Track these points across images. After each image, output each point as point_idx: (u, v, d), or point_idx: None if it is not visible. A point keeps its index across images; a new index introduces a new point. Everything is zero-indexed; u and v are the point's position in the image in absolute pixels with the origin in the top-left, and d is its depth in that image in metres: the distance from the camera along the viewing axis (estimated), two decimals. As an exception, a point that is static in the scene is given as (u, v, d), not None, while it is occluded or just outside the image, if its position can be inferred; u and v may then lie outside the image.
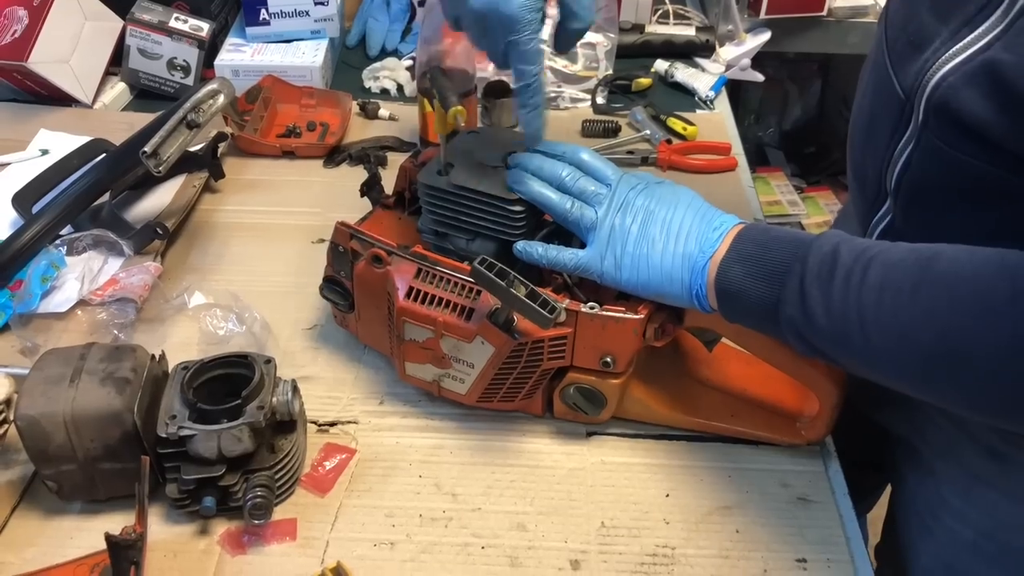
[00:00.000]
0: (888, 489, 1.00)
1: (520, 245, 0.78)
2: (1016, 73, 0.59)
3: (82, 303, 0.96)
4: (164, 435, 0.72)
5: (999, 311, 0.58)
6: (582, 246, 0.77)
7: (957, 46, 0.64)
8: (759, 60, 1.54)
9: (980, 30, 0.63)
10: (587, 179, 0.77)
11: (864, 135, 0.80)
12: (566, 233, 0.79)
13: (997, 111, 0.61)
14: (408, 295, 0.80)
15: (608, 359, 0.79)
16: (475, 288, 0.78)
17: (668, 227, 0.74)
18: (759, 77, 1.54)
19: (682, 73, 1.44)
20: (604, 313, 0.76)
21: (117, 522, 0.76)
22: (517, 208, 0.78)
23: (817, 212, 2.24)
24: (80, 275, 0.96)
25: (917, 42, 0.69)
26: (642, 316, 0.76)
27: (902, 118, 0.71)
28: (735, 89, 1.63)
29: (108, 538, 0.67)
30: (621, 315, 0.76)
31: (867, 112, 0.79)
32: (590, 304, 0.77)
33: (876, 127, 0.76)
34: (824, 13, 1.68)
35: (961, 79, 0.63)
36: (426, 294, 0.79)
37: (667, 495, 0.80)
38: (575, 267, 0.76)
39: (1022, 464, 0.77)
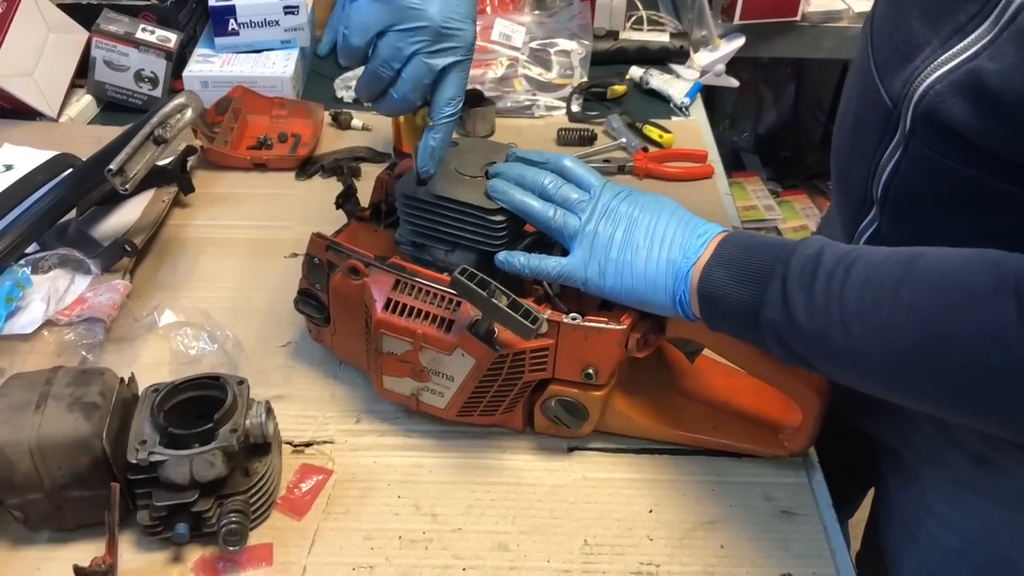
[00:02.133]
0: (870, 495, 1.00)
1: (502, 255, 0.77)
2: (1001, 81, 0.59)
3: (48, 324, 0.93)
4: (134, 461, 0.70)
5: (981, 304, 0.57)
6: (564, 255, 0.76)
7: (946, 54, 0.64)
8: (733, 65, 1.54)
9: (970, 39, 0.62)
10: (570, 187, 0.77)
11: (849, 143, 0.79)
12: (547, 243, 0.78)
13: (982, 119, 0.61)
14: (386, 307, 0.78)
15: (590, 371, 0.77)
16: (455, 299, 0.77)
17: (652, 234, 0.73)
18: (734, 83, 1.53)
19: (657, 80, 1.43)
20: (587, 324, 0.75)
21: (87, 551, 0.73)
22: (498, 218, 0.77)
23: (793, 216, 2.25)
24: (46, 295, 0.94)
25: (906, 50, 0.68)
26: (625, 327, 0.75)
27: (889, 126, 0.71)
28: (709, 94, 1.62)
29: (77, 570, 0.65)
30: (604, 326, 0.75)
31: (852, 120, 0.79)
32: (572, 315, 0.76)
33: (862, 135, 0.75)
34: (798, 18, 1.69)
35: (948, 87, 0.63)
36: (405, 306, 0.78)
37: (650, 511, 0.79)
38: (559, 275, 0.75)
39: (1008, 470, 0.76)
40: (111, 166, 0.93)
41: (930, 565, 0.86)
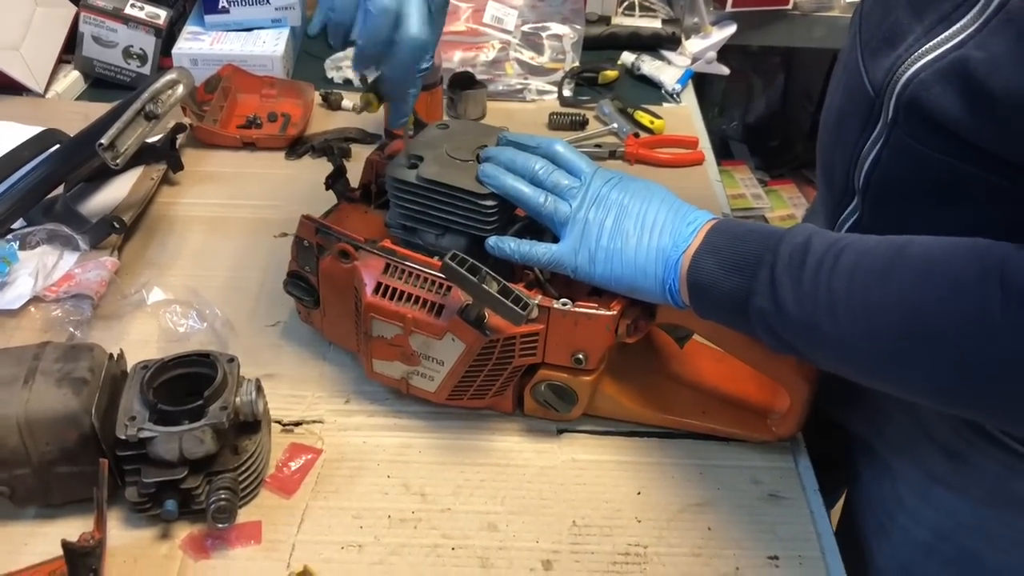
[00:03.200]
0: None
1: (492, 240, 0.77)
2: (986, 70, 0.59)
3: (36, 300, 0.93)
4: (123, 437, 0.70)
5: (968, 291, 0.58)
6: (555, 240, 0.76)
7: (931, 43, 0.64)
8: (724, 53, 1.54)
9: (955, 27, 0.62)
10: (561, 172, 0.76)
11: (833, 133, 0.79)
12: (538, 228, 0.78)
13: (967, 108, 0.61)
14: (376, 291, 0.78)
15: (580, 356, 0.78)
16: (445, 284, 0.76)
17: (642, 221, 0.73)
18: (724, 70, 1.54)
19: (648, 66, 1.43)
20: (577, 309, 0.75)
21: (74, 527, 0.73)
22: (488, 202, 0.77)
23: (781, 205, 2.26)
24: (33, 271, 0.93)
25: (891, 38, 0.69)
26: (615, 312, 0.76)
27: (871, 115, 0.71)
28: (699, 82, 1.62)
29: (65, 545, 0.65)
30: (594, 311, 0.75)
31: (836, 110, 0.79)
32: (562, 300, 0.76)
33: (845, 125, 0.76)
34: (789, 7, 1.69)
35: (932, 76, 0.63)
36: (395, 290, 0.78)
37: (638, 493, 0.80)
38: (549, 262, 0.75)
39: (980, 465, 0.77)
40: (102, 140, 0.92)
41: (901, 559, 0.86)
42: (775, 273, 0.65)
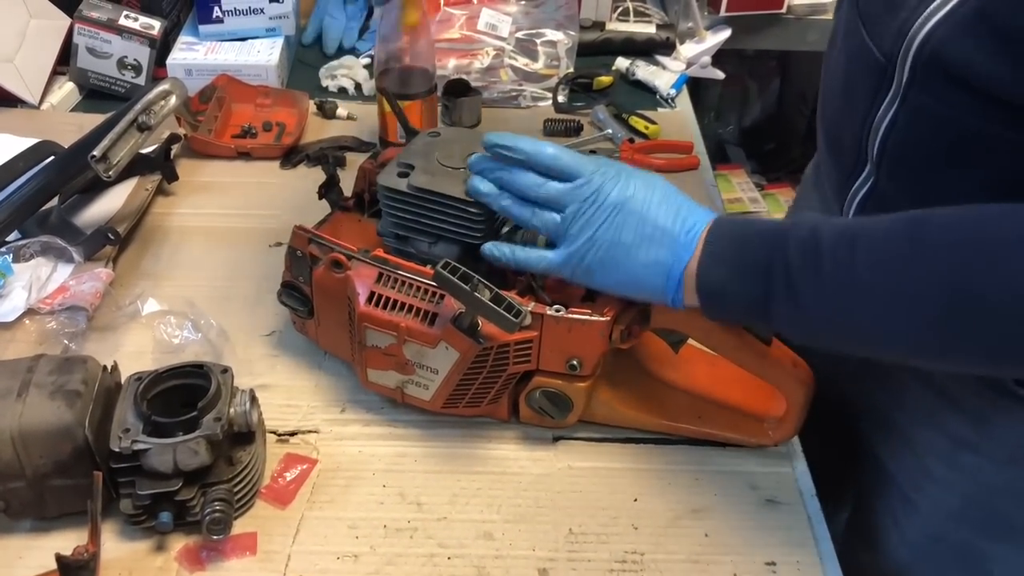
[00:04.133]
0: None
1: (487, 247, 0.76)
2: (1011, 10, 0.58)
3: (30, 312, 0.92)
4: (117, 449, 0.69)
5: (1007, 256, 0.57)
6: (551, 243, 0.75)
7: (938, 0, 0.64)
8: (719, 58, 1.54)
9: None
10: (551, 186, 0.73)
11: (839, 104, 0.79)
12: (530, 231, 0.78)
13: (991, 56, 0.60)
14: (369, 300, 0.78)
15: (575, 362, 0.78)
16: (438, 292, 0.76)
17: (640, 231, 0.71)
18: (719, 75, 1.54)
19: (643, 71, 1.43)
20: (570, 316, 0.75)
21: (69, 540, 0.73)
22: (479, 210, 0.77)
23: (778, 209, 2.25)
24: (28, 283, 0.93)
25: (891, 3, 0.68)
26: (608, 318, 0.75)
27: (883, 82, 0.70)
28: (695, 87, 1.63)
29: (59, 559, 0.65)
30: (587, 317, 0.75)
31: (840, 82, 0.78)
32: (556, 307, 0.76)
33: (853, 95, 0.75)
34: (784, 11, 1.68)
35: (951, 30, 0.63)
36: (388, 299, 0.77)
37: (635, 500, 0.79)
38: (544, 269, 0.74)
39: (1004, 425, 0.77)
40: (94, 152, 0.92)
41: (931, 529, 0.86)
42: (791, 278, 0.65)
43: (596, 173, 0.72)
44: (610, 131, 1.29)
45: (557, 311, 0.75)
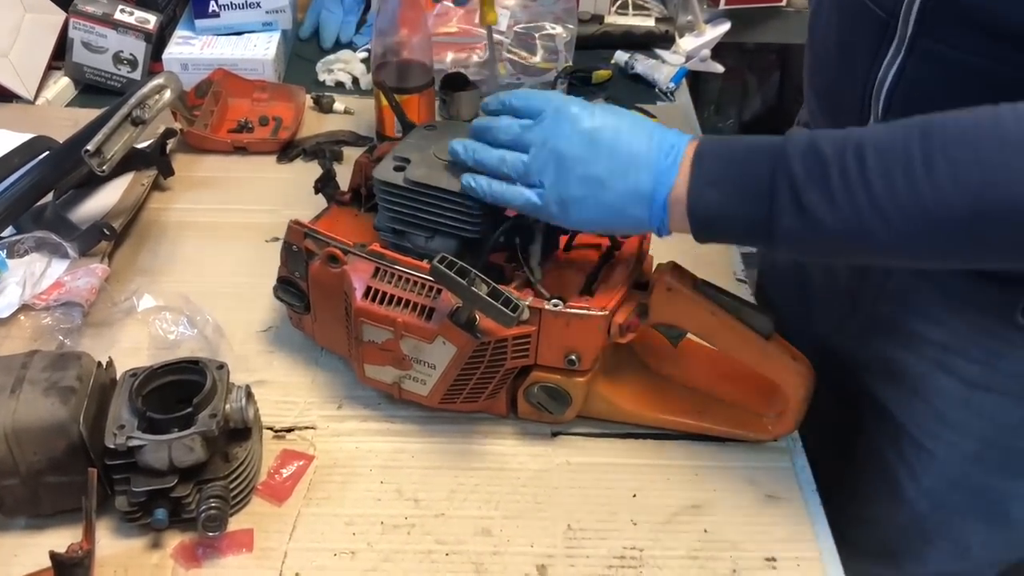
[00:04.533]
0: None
1: (465, 178, 0.74)
2: None
3: (25, 308, 0.92)
4: (112, 446, 0.69)
5: None
6: (550, 233, 0.75)
7: None
8: (718, 51, 1.53)
9: None
10: (513, 124, 0.73)
11: (835, 65, 0.79)
12: (527, 226, 0.77)
13: None
14: (366, 295, 0.77)
15: (573, 357, 0.77)
16: (435, 287, 0.76)
17: (614, 161, 0.68)
18: (719, 68, 1.53)
19: (642, 65, 1.42)
20: (568, 310, 0.75)
21: (64, 537, 0.72)
22: (473, 203, 0.76)
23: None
24: (22, 279, 0.92)
25: None
26: (607, 312, 0.75)
27: (885, 36, 0.70)
28: (694, 80, 1.62)
29: (53, 557, 0.64)
30: (586, 312, 0.75)
31: (835, 44, 0.78)
32: (554, 301, 0.75)
33: (852, 54, 0.75)
34: (783, 3, 1.68)
35: None
36: (385, 294, 0.77)
37: (634, 495, 0.79)
38: (522, 206, 0.72)
39: (1017, 360, 0.78)
40: (88, 147, 0.91)
41: (949, 476, 0.87)
42: (798, 193, 0.62)
43: (560, 105, 0.71)
44: (609, 125, 1.28)
45: (555, 305, 0.75)
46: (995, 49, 0.63)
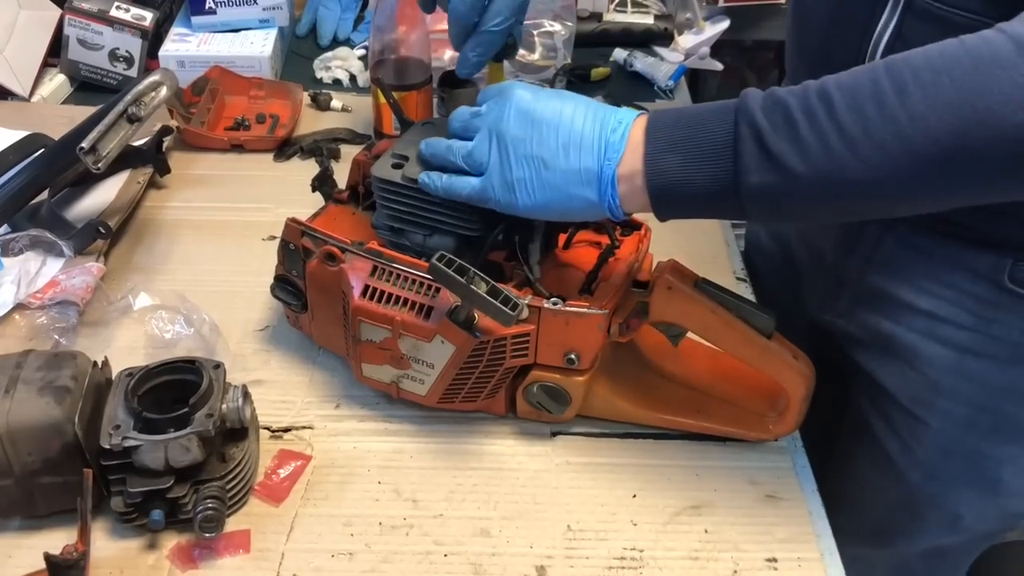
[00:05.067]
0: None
1: (422, 176, 0.74)
2: None
3: (20, 307, 0.91)
4: (108, 446, 0.68)
5: (1007, 65, 0.55)
6: (550, 233, 0.74)
7: None
8: (717, 49, 1.52)
9: None
10: (461, 111, 0.74)
11: (828, 29, 0.79)
12: (527, 225, 0.76)
13: None
14: (364, 294, 0.77)
15: (572, 356, 0.76)
16: (434, 285, 0.75)
17: (557, 139, 0.67)
18: (718, 66, 1.52)
19: (641, 62, 1.42)
20: (568, 309, 0.74)
21: (59, 538, 0.72)
22: None
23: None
24: (17, 278, 0.92)
25: None
26: (606, 311, 0.74)
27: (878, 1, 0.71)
28: (693, 78, 1.61)
29: (48, 559, 0.64)
30: (585, 311, 0.74)
31: (828, 7, 0.78)
32: (553, 300, 0.75)
33: (848, 15, 0.75)
34: (782, 1, 1.67)
35: None
36: (383, 292, 0.76)
37: (634, 496, 0.78)
38: (469, 196, 0.71)
39: (1006, 323, 0.79)
40: (83, 144, 0.91)
41: (941, 444, 0.87)
42: (766, 142, 0.61)
43: (504, 88, 0.71)
44: (608, 122, 1.27)
45: (554, 304, 0.74)
46: (992, 8, 0.62)
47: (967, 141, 0.57)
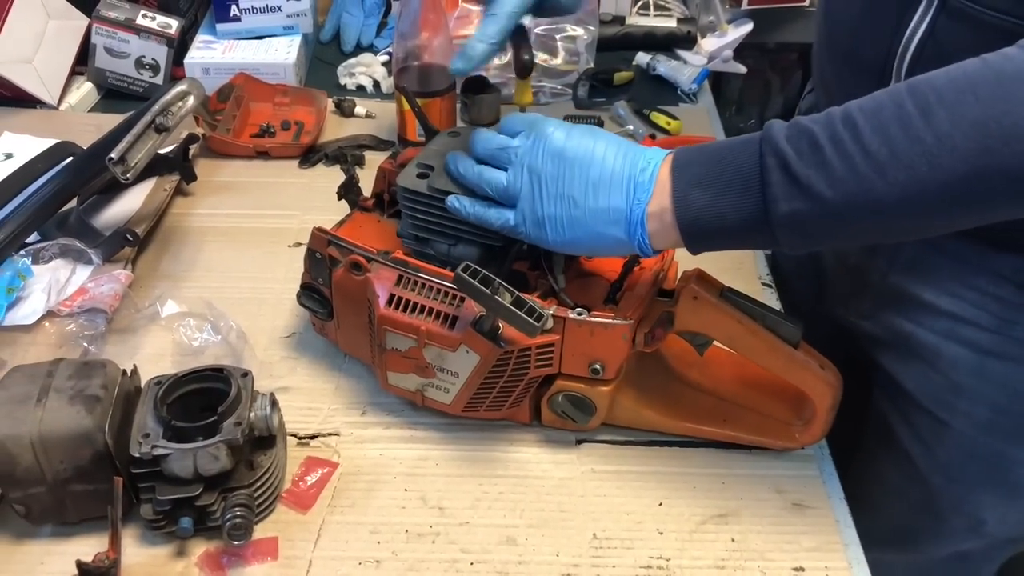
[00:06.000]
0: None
1: (450, 198, 0.74)
2: None
3: (50, 315, 0.92)
4: (137, 455, 0.69)
5: None
6: None
7: None
8: (740, 51, 1.52)
9: None
10: (493, 139, 0.73)
11: (855, 31, 0.78)
12: None
13: None
14: (389, 303, 0.77)
15: (597, 366, 0.76)
16: (459, 295, 0.75)
17: (587, 180, 0.68)
18: (742, 69, 1.52)
19: (664, 66, 1.42)
20: (592, 319, 0.74)
21: (90, 545, 0.73)
22: None
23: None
24: (47, 285, 0.93)
25: None
26: (631, 322, 0.74)
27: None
28: (715, 80, 1.61)
29: (80, 566, 0.65)
30: (610, 321, 0.74)
31: (857, 9, 0.78)
32: (578, 310, 0.75)
33: (878, 14, 0.74)
34: (806, 3, 1.66)
35: None
36: (408, 302, 0.77)
37: (660, 504, 0.78)
38: (500, 227, 0.72)
39: None
40: (112, 155, 0.91)
41: (963, 447, 0.87)
42: (792, 170, 0.61)
43: (536, 123, 0.72)
44: (631, 127, 1.28)
45: (579, 314, 0.74)
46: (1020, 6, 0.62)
47: (995, 158, 0.57)
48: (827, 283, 0.97)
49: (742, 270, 1.02)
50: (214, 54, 1.34)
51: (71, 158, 1.05)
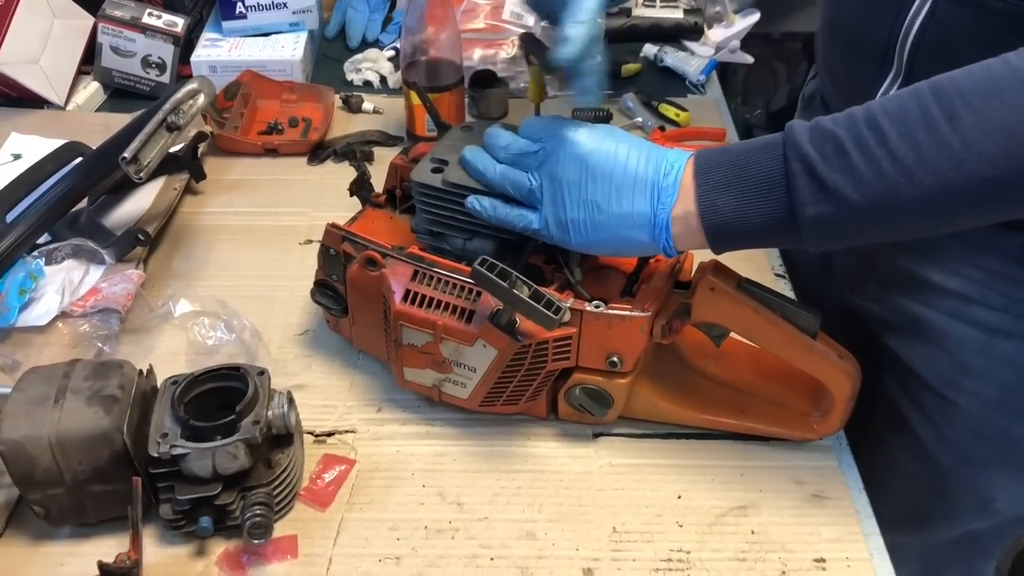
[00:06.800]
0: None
1: (471, 199, 0.74)
2: None
3: (63, 315, 0.92)
4: (156, 454, 0.69)
5: None
6: None
7: None
8: (746, 41, 1.51)
9: None
10: (516, 143, 0.73)
11: (857, 12, 0.78)
12: None
13: None
14: (405, 298, 0.77)
15: (615, 358, 0.76)
16: (475, 289, 0.75)
17: (610, 184, 0.69)
18: (748, 59, 1.51)
19: (671, 57, 1.41)
20: (610, 312, 0.74)
21: (109, 546, 0.73)
22: None
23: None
24: (60, 286, 0.92)
25: None
26: (649, 314, 0.74)
27: None
28: (721, 71, 1.60)
29: (102, 567, 0.65)
30: (627, 313, 0.74)
31: None
32: (595, 303, 0.74)
33: (879, 1, 0.74)
34: (811, -8, 1.66)
35: None
36: (424, 297, 0.76)
37: (679, 496, 0.78)
38: (524, 228, 0.73)
39: None
40: (125, 154, 0.91)
41: (971, 426, 0.86)
42: (818, 174, 0.61)
43: (559, 129, 0.72)
44: (640, 119, 1.27)
45: (597, 307, 0.74)
46: None
47: (1022, 162, 0.57)
48: (834, 266, 0.97)
49: (754, 261, 1.02)
50: (220, 52, 1.34)
51: (80, 158, 1.05)
